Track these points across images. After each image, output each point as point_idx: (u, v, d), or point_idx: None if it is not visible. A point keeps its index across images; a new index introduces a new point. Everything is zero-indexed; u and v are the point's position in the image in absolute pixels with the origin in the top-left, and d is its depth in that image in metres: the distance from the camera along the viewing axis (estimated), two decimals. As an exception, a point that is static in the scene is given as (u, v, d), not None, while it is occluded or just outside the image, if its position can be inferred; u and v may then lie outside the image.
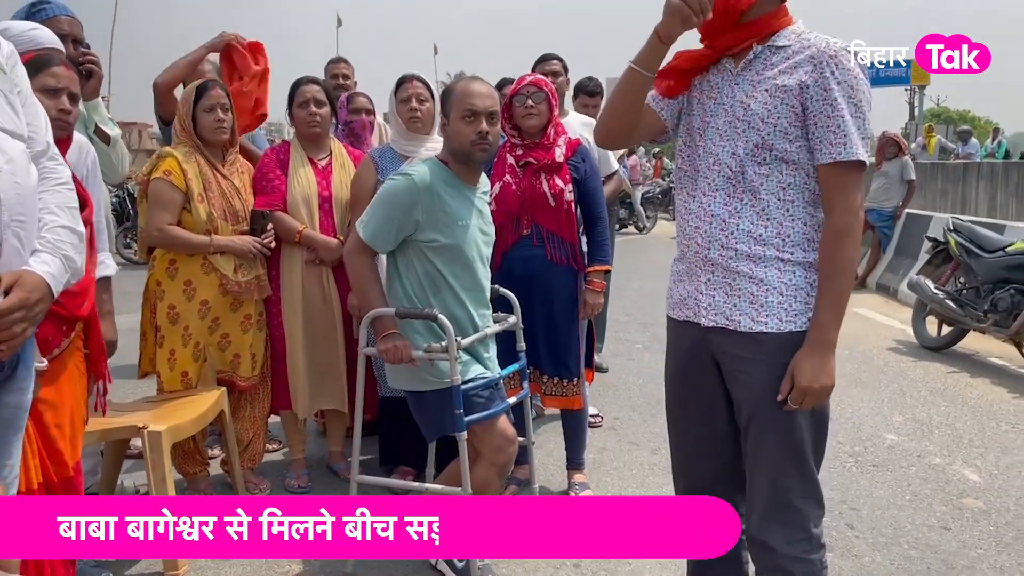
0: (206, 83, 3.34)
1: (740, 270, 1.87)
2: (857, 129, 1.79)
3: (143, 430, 2.84)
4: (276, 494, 3.53)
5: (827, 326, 1.81)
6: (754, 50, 1.88)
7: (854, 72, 1.79)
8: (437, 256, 2.63)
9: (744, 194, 1.87)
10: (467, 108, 2.60)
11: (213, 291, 3.28)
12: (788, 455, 1.89)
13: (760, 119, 1.84)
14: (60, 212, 1.95)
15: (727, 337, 1.90)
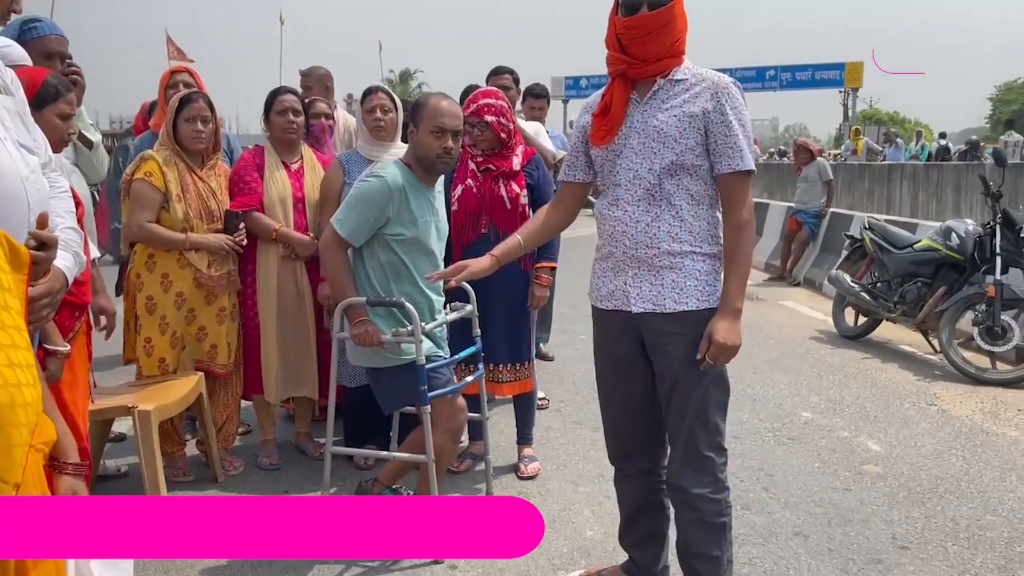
0: (190, 95, 3.61)
1: (663, 264, 2.31)
2: (747, 145, 2.30)
3: (133, 410, 3.12)
4: (249, 471, 3.83)
5: (735, 297, 2.28)
6: (657, 83, 2.32)
7: (741, 99, 2.30)
8: (401, 247, 3.00)
9: (662, 202, 2.31)
10: (437, 125, 2.95)
11: (188, 284, 3.57)
12: (700, 412, 2.34)
13: (673, 139, 2.28)
14: (67, 216, 2.26)
15: (655, 318, 2.33)
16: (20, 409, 1.39)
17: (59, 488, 1.64)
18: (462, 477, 3.76)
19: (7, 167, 1.79)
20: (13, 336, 1.43)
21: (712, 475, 2.37)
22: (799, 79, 35.14)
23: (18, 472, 1.37)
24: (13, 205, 1.82)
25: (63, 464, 1.65)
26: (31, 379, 1.45)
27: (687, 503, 2.39)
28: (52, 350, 2.12)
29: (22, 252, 1.57)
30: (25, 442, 1.41)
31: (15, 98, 2.08)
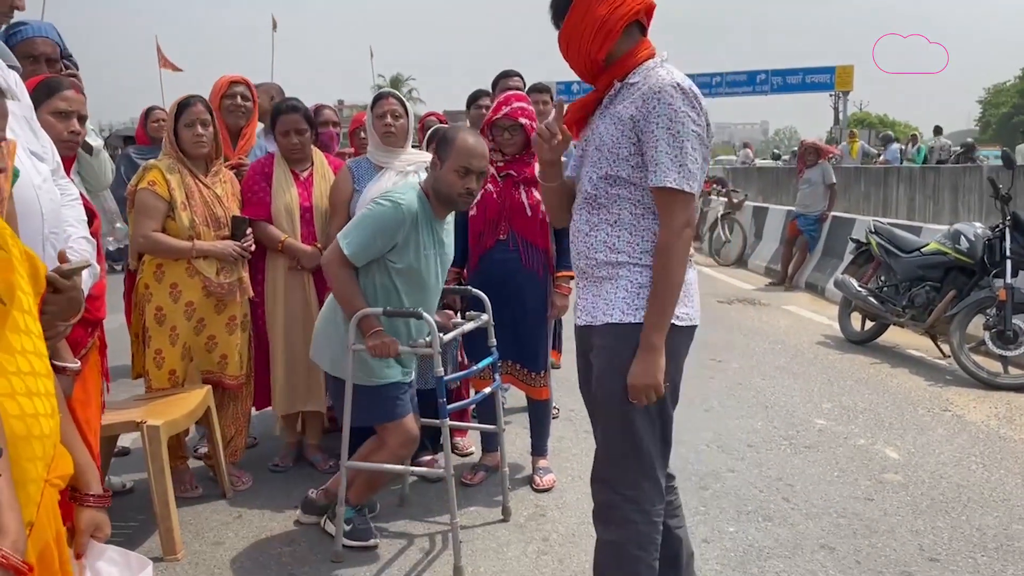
0: (188, 99, 3.52)
1: (601, 275, 2.14)
2: (672, 159, 2.00)
3: (141, 425, 3.03)
4: (259, 487, 3.74)
5: (650, 332, 2.04)
6: (615, 87, 2.14)
7: (674, 106, 2.00)
8: (399, 275, 2.95)
9: (600, 211, 2.14)
10: (464, 166, 2.89)
11: (198, 293, 3.48)
12: (624, 436, 2.13)
13: (608, 148, 2.10)
14: (79, 225, 2.18)
15: (588, 333, 2.19)
16: (36, 441, 1.31)
17: (81, 521, 1.55)
18: (476, 490, 3.68)
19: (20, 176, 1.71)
20: (33, 363, 1.35)
21: (639, 504, 2.14)
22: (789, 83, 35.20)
23: (32, 509, 1.29)
24: (27, 215, 1.74)
25: (84, 496, 1.57)
26: (49, 408, 1.36)
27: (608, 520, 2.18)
28: (62, 367, 2.03)
29: (41, 272, 1.49)
30: (40, 477, 1.32)
31: (21, 103, 1.99)
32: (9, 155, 1.58)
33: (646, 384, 2.03)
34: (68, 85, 2.59)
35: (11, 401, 1.25)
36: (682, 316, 2.11)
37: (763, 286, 9.68)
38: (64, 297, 1.61)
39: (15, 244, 1.40)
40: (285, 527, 3.32)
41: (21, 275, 1.38)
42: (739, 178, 19.59)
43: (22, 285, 1.37)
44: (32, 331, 1.38)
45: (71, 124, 2.57)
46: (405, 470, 3.20)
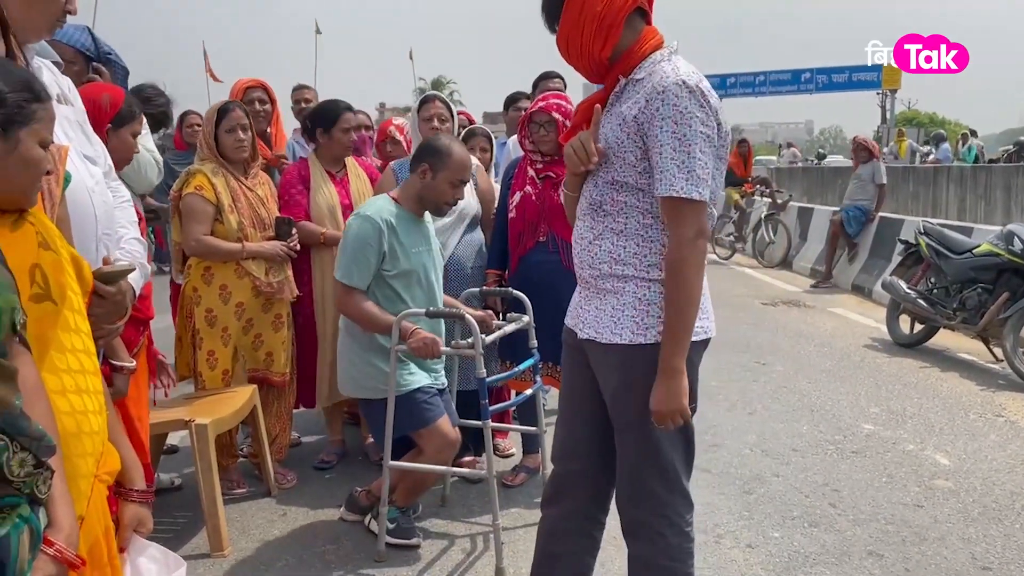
0: (226, 105, 3.60)
1: (604, 287, 2.01)
2: (679, 165, 1.85)
3: (190, 423, 3.09)
4: (303, 484, 3.79)
5: (670, 355, 1.90)
6: (620, 84, 2.01)
7: (679, 106, 1.84)
8: (396, 280, 3.00)
9: (605, 218, 2.01)
10: (459, 178, 3.03)
11: (247, 293, 3.55)
12: (644, 450, 2.04)
13: (614, 152, 1.96)
14: (130, 226, 2.23)
15: (594, 348, 2.04)
16: (86, 438, 1.35)
17: (124, 516, 1.60)
18: (517, 492, 3.68)
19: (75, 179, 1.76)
20: (83, 361, 1.39)
21: (665, 516, 2.07)
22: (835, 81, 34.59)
23: (83, 503, 1.33)
24: (81, 218, 1.79)
25: (129, 491, 1.61)
26: (98, 406, 1.40)
27: (637, 534, 2.12)
28: (119, 366, 2.08)
29: (87, 275, 1.53)
30: (90, 472, 1.36)
31: (75, 107, 2.05)
32: (61, 160, 1.62)
33: (672, 410, 1.93)
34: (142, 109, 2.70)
35: (62, 398, 1.30)
36: (696, 330, 1.98)
37: (808, 288, 9.53)
38: (109, 300, 1.65)
39: (64, 246, 1.44)
40: (329, 525, 3.36)
41: (70, 275, 1.42)
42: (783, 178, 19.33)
43: (71, 285, 1.41)
44: (81, 330, 1.42)
45: (136, 144, 2.68)
46: (447, 471, 3.22)
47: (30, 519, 1.05)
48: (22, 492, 1.04)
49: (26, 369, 1.20)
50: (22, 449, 1.03)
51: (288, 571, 3.00)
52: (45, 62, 1.96)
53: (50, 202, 1.57)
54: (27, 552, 1.03)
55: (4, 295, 1.04)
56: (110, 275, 1.64)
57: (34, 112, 1.36)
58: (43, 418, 1.20)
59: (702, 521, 3.35)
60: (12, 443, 1.02)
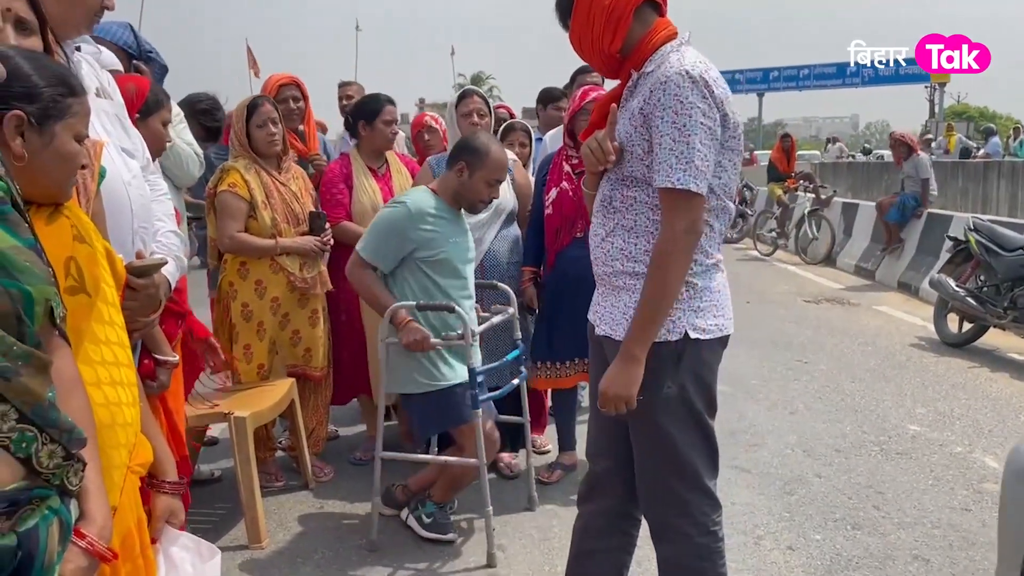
0: (256, 101, 3.61)
1: (618, 284, 2.00)
2: (678, 156, 1.82)
3: (229, 416, 3.12)
4: (340, 478, 3.81)
5: (632, 341, 1.89)
6: (632, 79, 1.98)
7: (680, 96, 1.82)
8: (432, 268, 3.01)
9: (615, 215, 2.00)
10: (495, 178, 3.05)
11: (282, 288, 3.57)
12: (660, 450, 2.02)
13: (623, 146, 1.95)
14: (167, 219, 2.24)
15: (609, 344, 2.03)
16: (120, 429, 1.36)
17: (157, 507, 1.61)
18: (553, 489, 3.66)
19: (111, 173, 1.77)
20: (117, 353, 1.40)
21: (688, 515, 2.04)
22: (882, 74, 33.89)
23: (116, 494, 1.34)
24: (117, 211, 1.80)
25: (161, 483, 1.62)
26: (131, 398, 1.41)
27: (662, 536, 2.10)
28: (162, 360, 2.10)
29: (120, 269, 1.54)
30: (123, 463, 1.37)
31: (113, 101, 2.07)
32: (96, 155, 1.63)
33: (617, 395, 1.91)
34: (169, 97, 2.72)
35: (97, 390, 1.30)
36: (710, 328, 1.96)
37: (852, 285, 9.34)
38: (143, 294, 1.66)
39: (98, 239, 1.45)
40: (365, 519, 3.36)
41: (104, 268, 1.43)
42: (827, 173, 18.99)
43: (105, 278, 1.42)
44: (116, 322, 1.43)
45: (168, 133, 2.70)
46: (435, 459, 3.30)
47: (60, 511, 1.05)
48: (52, 484, 1.05)
49: (64, 362, 1.20)
50: (52, 441, 1.03)
51: (324, 564, 3.01)
52: (86, 57, 1.98)
53: (85, 196, 1.59)
54: (56, 544, 1.03)
55: (39, 286, 1.04)
56: (142, 269, 1.65)
57: (69, 106, 1.37)
58: (79, 411, 1.20)
59: (742, 522, 3.30)
60: (41, 435, 1.02)
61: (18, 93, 1.31)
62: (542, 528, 3.28)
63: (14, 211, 1.08)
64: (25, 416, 1.00)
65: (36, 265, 1.06)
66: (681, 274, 1.90)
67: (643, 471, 2.10)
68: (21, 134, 1.30)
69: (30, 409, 1.00)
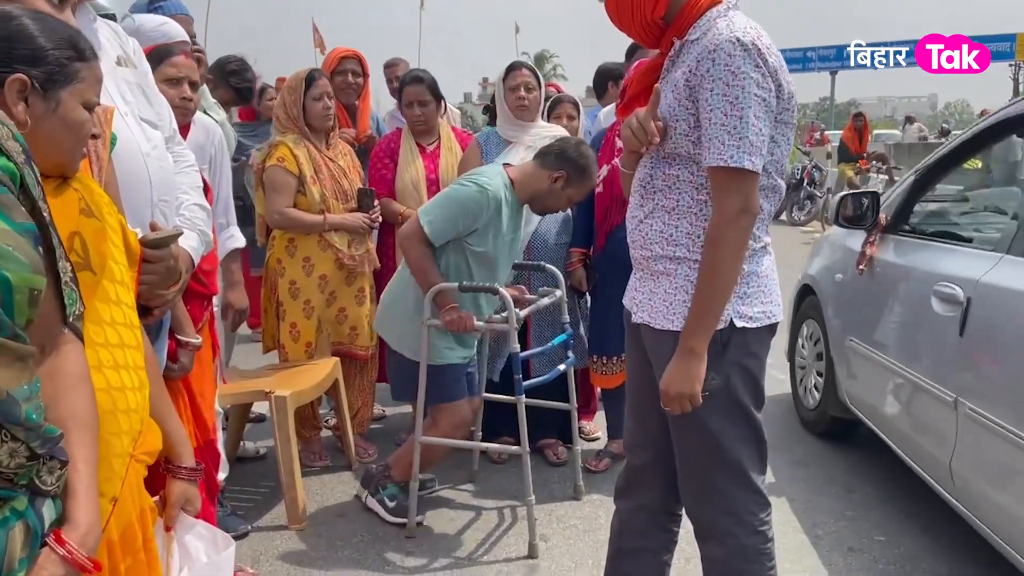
0: (312, 73, 3.54)
1: (657, 269, 1.87)
2: (730, 131, 1.68)
3: (270, 395, 3.07)
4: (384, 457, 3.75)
5: (690, 335, 1.77)
6: (674, 47, 1.83)
7: (732, 66, 1.67)
8: (474, 257, 2.92)
9: (655, 195, 1.86)
10: (579, 199, 3.10)
11: (330, 266, 3.51)
12: (704, 445, 1.90)
13: (666, 121, 1.79)
14: (192, 191, 2.17)
15: (647, 333, 1.92)
16: (122, 416, 1.27)
17: (171, 493, 1.53)
18: (601, 478, 3.53)
19: (128, 143, 1.70)
20: (122, 335, 1.31)
21: (735, 514, 1.92)
22: (963, 52, 32.38)
23: (117, 484, 1.25)
24: (134, 184, 1.73)
25: (177, 468, 1.55)
26: (137, 382, 1.32)
27: (707, 535, 1.97)
28: (184, 341, 2.05)
29: (134, 248, 1.46)
30: (126, 452, 1.29)
31: (137, 70, 2.00)
32: (107, 122, 1.55)
33: (680, 393, 1.78)
34: (178, 51, 2.64)
35: (97, 374, 1.22)
36: (757, 316, 1.83)
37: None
38: (161, 266, 1.59)
39: (111, 213, 1.37)
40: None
41: (115, 244, 1.35)
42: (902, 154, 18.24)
43: (114, 255, 1.34)
44: (123, 301, 1.35)
45: (182, 90, 2.63)
46: (475, 446, 3.31)
47: (25, 514, 0.97)
48: (16, 484, 0.97)
49: (70, 358, 1.13)
50: (12, 439, 0.95)
51: (362, 548, 2.96)
52: (108, 22, 1.91)
53: (98, 166, 1.51)
54: (18, 550, 0.95)
55: (20, 272, 0.96)
56: (156, 241, 1.58)
57: (77, 71, 1.28)
58: (81, 408, 1.13)
59: (799, 520, 3.13)
60: (0, 431, 0.93)
61: (22, 55, 1.23)
62: (587, 519, 3.17)
63: (8, 193, 1.00)
64: None
65: (21, 250, 0.97)
66: (737, 259, 1.75)
67: (686, 467, 1.97)
68: (24, 99, 1.22)
69: None
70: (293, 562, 2.87)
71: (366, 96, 4.21)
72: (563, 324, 3.28)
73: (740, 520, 1.92)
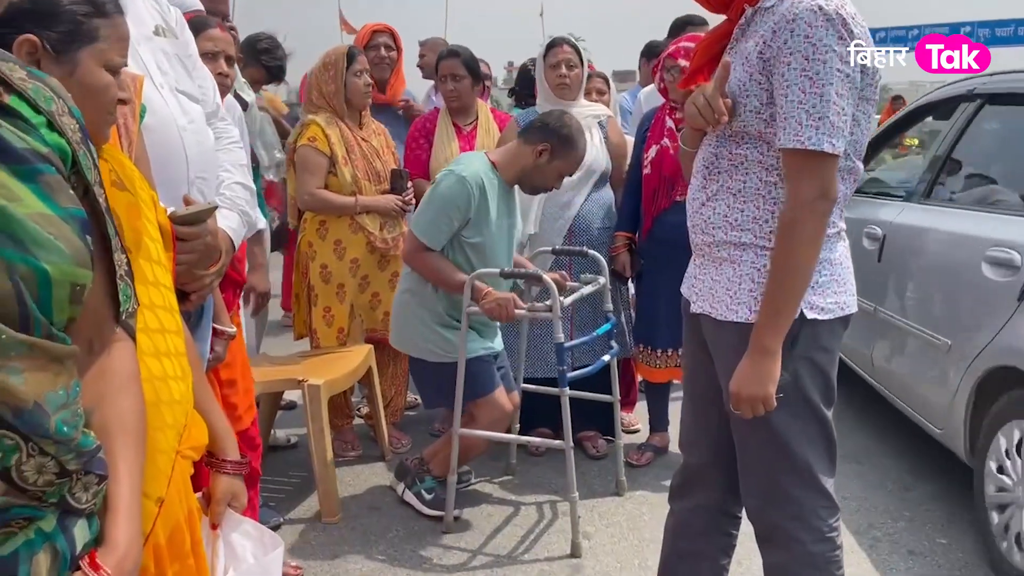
0: (353, 50, 3.44)
1: (720, 256, 1.74)
2: (809, 110, 1.54)
3: (303, 383, 2.97)
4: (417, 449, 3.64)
5: (764, 330, 1.63)
6: (746, 15, 1.68)
7: (813, 38, 1.52)
8: (472, 250, 2.80)
9: (720, 176, 1.72)
10: (570, 172, 2.94)
11: (362, 249, 3.40)
12: (769, 445, 1.76)
13: (735, 95, 1.64)
14: (235, 169, 2.05)
15: (708, 323, 1.79)
16: (166, 408, 1.15)
17: (217, 489, 1.41)
18: (643, 473, 3.40)
19: (163, 116, 1.58)
20: (162, 319, 1.19)
21: (803, 520, 1.78)
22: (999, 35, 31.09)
23: (162, 483, 1.13)
24: (169, 159, 1.61)
25: (221, 462, 1.42)
26: (180, 370, 1.20)
27: (771, 540, 1.83)
28: (220, 330, 1.94)
29: (164, 221, 1.34)
30: (171, 448, 1.16)
31: (178, 41, 1.88)
32: (135, 91, 1.43)
33: (752, 394, 1.64)
34: (213, 24, 2.54)
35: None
36: (829, 307, 1.69)
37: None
38: (199, 243, 1.46)
39: (143, 188, 1.24)
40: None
41: (149, 220, 1.22)
42: (938, 140, 17.82)
43: (150, 232, 1.22)
44: (161, 282, 1.23)
45: (219, 65, 2.53)
46: (515, 439, 3.19)
47: (53, 536, 0.85)
48: (44, 502, 0.84)
49: (120, 360, 1.01)
50: (42, 453, 0.82)
51: (398, 543, 2.85)
52: None
53: (127, 139, 1.39)
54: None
55: (61, 265, 0.83)
56: (189, 217, 1.45)
57: (96, 29, 1.16)
58: (127, 414, 1.00)
59: (854, 520, 2.98)
60: (27, 445, 0.80)
61: (33, 13, 1.11)
62: (631, 516, 3.04)
63: (55, 173, 0.86)
64: (5, 421, 0.78)
65: (64, 239, 0.84)
66: (814, 248, 1.61)
67: (749, 468, 1.83)
68: (36, 62, 1.10)
69: (10, 412, 0.78)
70: (327, 557, 2.77)
71: (399, 71, 4.10)
72: (606, 313, 3.14)
73: (807, 525, 1.79)
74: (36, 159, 0.85)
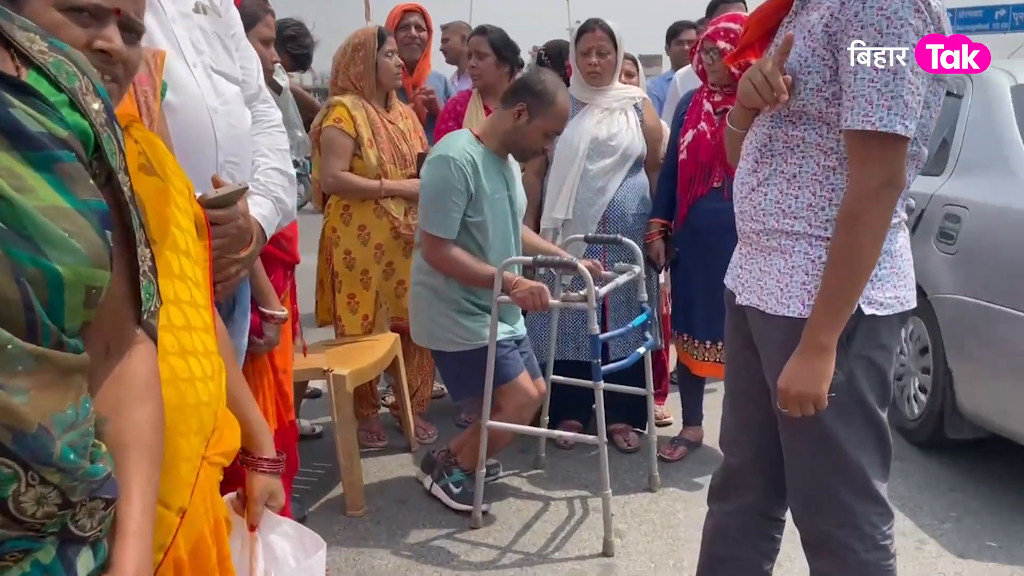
0: (383, 31, 3.36)
1: (770, 245, 1.63)
2: (880, 89, 1.42)
3: (328, 373, 2.90)
4: (444, 440, 3.57)
5: (816, 325, 1.52)
6: None
7: (887, 10, 1.40)
8: (476, 229, 2.70)
9: (773, 159, 1.60)
10: (555, 129, 2.77)
11: (386, 235, 3.31)
12: (820, 447, 1.65)
13: (795, 73, 1.52)
14: (272, 154, 1.95)
15: (755, 317, 1.68)
16: (191, 411, 1.06)
17: (254, 489, 1.33)
18: (676, 468, 3.29)
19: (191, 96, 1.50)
20: (189, 315, 1.10)
21: (854, 526, 1.67)
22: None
23: (185, 494, 1.04)
24: (197, 141, 1.53)
25: (257, 460, 1.34)
26: (210, 370, 1.11)
27: (820, 547, 1.73)
28: (270, 314, 1.86)
29: (201, 220, 1.25)
30: (196, 454, 1.07)
31: (220, 19, 1.79)
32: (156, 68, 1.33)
33: (802, 392, 1.54)
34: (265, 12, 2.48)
35: (160, 363, 0.99)
36: (888, 301, 1.58)
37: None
38: (231, 226, 1.38)
39: (176, 174, 1.15)
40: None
41: (180, 208, 1.13)
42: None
43: (179, 221, 1.12)
44: (188, 276, 1.13)
45: (272, 52, 2.47)
46: (544, 432, 3.09)
47: (51, 568, 0.75)
48: (43, 533, 0.75)
49: (139, 362, 0.92)
50: (43, 483, 0.72)
51: (424, 538, 2.77)
52: None
53: (147, 118, 1.30)
54: None
55: (75, 266, 0.74)
56: (219, 200, 1.36)
57: None
58: (145, 426, 0.90)
59: (898, 522, 2.84)
60: (27, 473, 0.71)
61: None
62: (665, 514, 2.94)
63: (75, 160, 0.77)
64: (2, 446, 0.69)
65: (81, 237, 0.74)
66: (878, 240, 1.50)
67: (797, 472, 1.73)
68: None
69: (10, 436, 0.69)
70: (351, 551, 2.70)
71: (427, 54, 4.00)
72: (640, 303, 3.03)
73: (860, 533, 1.68)
74: (53, 144, 0.75)
